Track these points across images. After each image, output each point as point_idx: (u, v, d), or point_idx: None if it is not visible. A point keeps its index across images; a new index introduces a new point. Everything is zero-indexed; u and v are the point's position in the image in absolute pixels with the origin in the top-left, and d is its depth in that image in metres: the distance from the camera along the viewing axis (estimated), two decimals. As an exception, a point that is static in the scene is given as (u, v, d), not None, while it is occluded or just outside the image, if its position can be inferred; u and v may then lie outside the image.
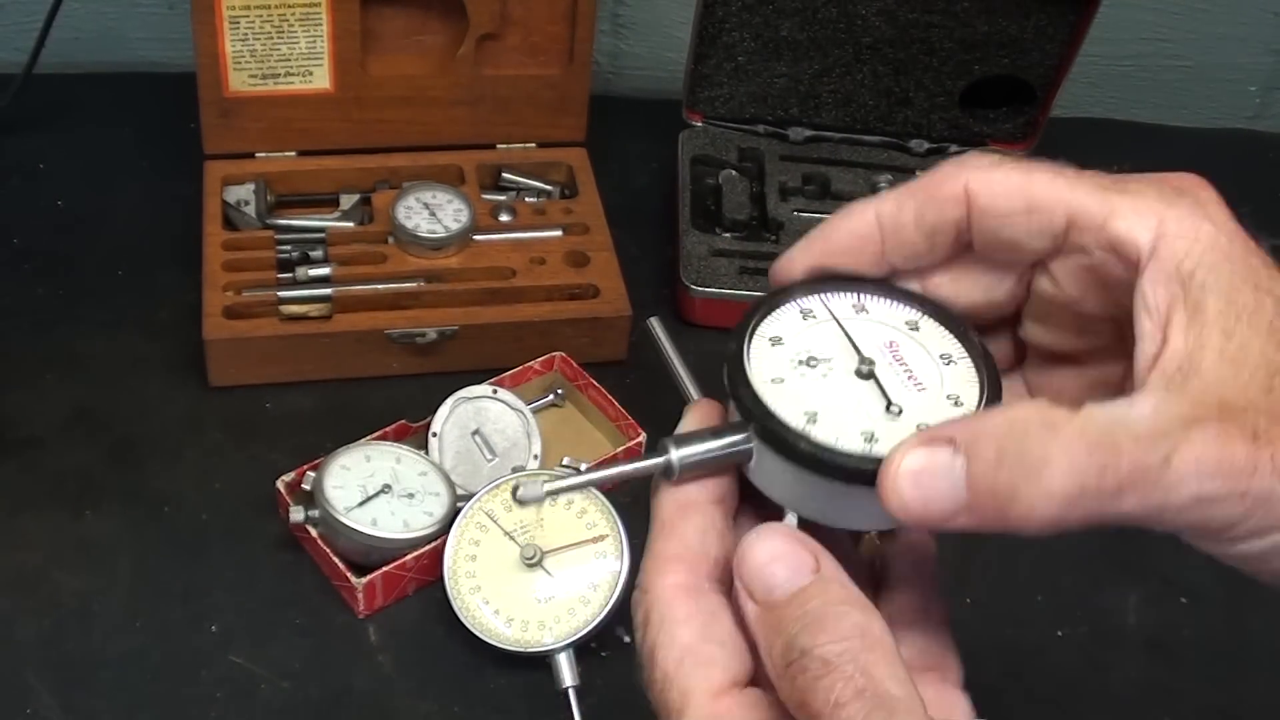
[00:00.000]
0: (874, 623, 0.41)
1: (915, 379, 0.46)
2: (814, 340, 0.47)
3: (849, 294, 0.48)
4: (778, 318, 0.47)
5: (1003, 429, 0.40)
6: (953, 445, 0.40)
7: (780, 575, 0.42)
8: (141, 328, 1.04)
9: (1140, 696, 0.90)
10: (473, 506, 0.89)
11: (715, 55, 1.18)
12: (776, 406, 0.44)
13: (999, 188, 0.44)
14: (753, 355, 0.46)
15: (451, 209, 1.07)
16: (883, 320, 0.48)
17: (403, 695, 0.85)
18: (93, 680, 0.83)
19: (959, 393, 0.45)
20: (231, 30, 1.05)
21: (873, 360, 0.46)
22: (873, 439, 0.43)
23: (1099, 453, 0.39)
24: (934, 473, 0.40)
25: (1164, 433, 0.39)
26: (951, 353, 0.47)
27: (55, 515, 0.92)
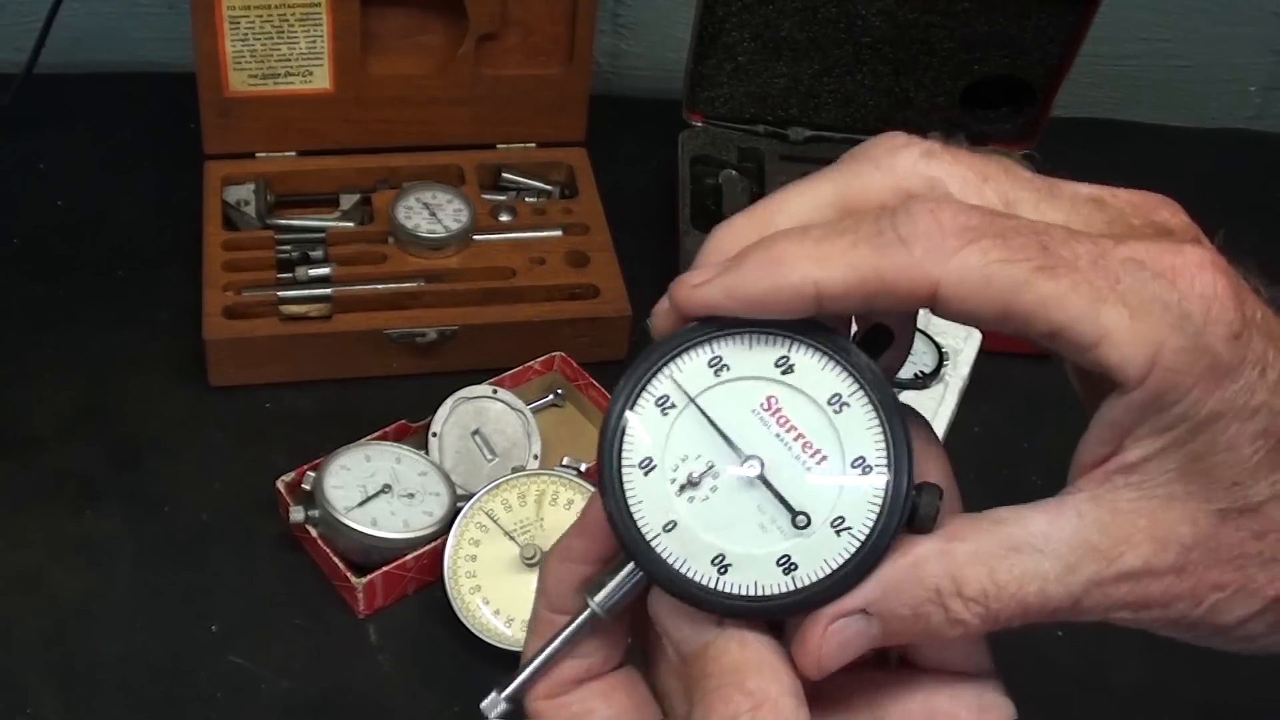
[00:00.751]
0: (770, 689, 0.39)
1: (810, 446, 0.40)
2: (684, 441, 0.41)
3: (698, 350, 0.41)
4: (638, 425, 0.41)
5: (913, 587, 0.39)
6: (864, 612, 0.39)
7: (684, 631, 0.41)
8: (141, 328, 1.04)
9: (1140, 696, 0.90)
10: (473, 506, 0.89)
11: (715, 55, 1.18)
12: (682, 563, 0.40)
13: (974, 292, 0.37)
14: (630, 498, 0.41)
15: (451, 209, 1.07)
16: (748, 372, 0.41)
17: (403, 695, 0.85)
18: (93, 680, 0.83)
19: (863, 453, 0.40)
20: (231, 30, 1.05)
21: (757, 458, 0.40)
22: (791, 567, 0.40)
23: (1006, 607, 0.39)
24: (852, 642, 0.39)
25: (1076, 569, 0.38)
26: (840, 391, 0.40)
27: (55, 515, 0.92)
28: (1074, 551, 0.38)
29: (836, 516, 0.39)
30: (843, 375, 0.40)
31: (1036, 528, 0.38)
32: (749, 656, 0.40)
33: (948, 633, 0.39)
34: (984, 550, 0.38)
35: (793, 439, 0.40)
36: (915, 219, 0.38)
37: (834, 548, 0.39)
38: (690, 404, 0.41)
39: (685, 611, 0.41)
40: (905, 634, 0.39)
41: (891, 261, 0.37)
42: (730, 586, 0.40)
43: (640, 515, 0.41)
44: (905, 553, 0.39)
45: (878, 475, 0.39)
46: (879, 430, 0.40)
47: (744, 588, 0.40)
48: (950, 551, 0.39)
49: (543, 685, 0.44)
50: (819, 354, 0.40)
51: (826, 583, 0.39)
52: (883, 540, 0.39)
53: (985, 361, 0.97)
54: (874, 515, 0.39)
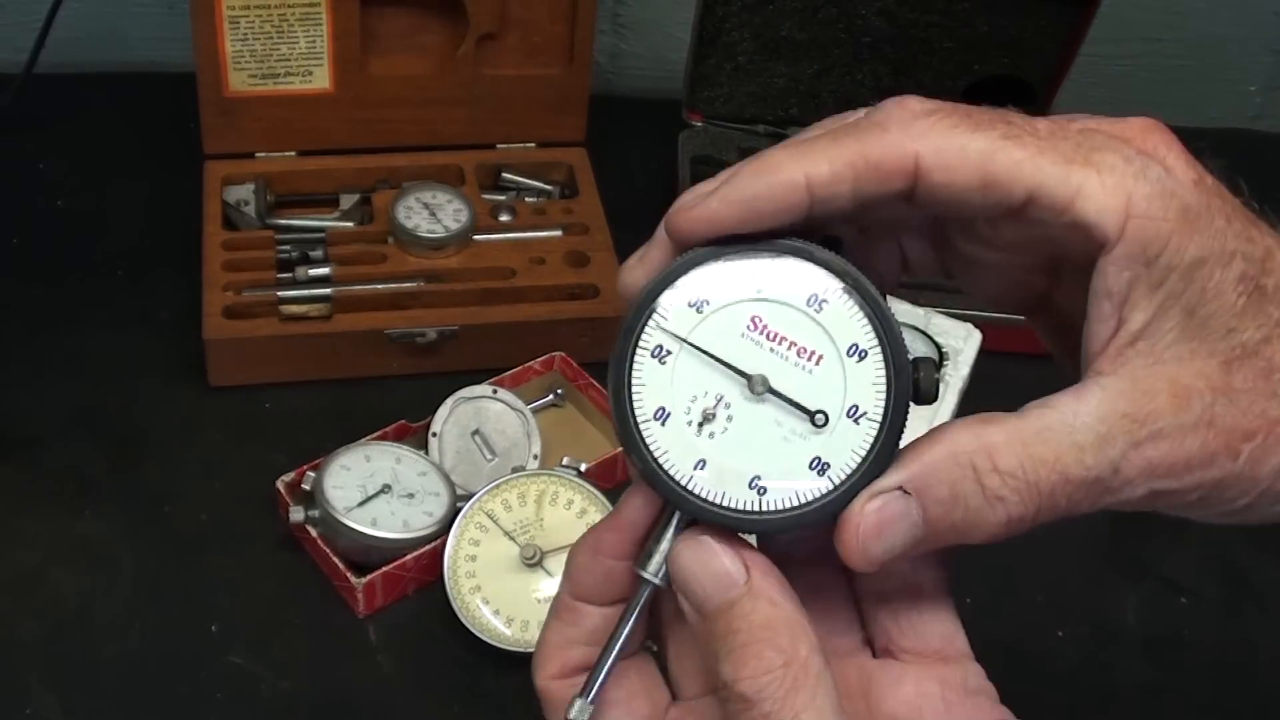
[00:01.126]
0: (800, 647, 0.40)
1: (804, 351, 0.42)
2: (688, 385, 0.42)
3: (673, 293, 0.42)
4: (642, 380, 0.42)
5: (949, 465, 0.39)
6: (902, 491, 0.40)
7: (709, 587, 0.41)
8: (141, 328, 1.04)
9: (1140, 696, 0.90)
10: (473, 506, 0.89)
11: (715, 55, 1.18)
12: (721, 497, 0.41)
13: (953, 160, 0.40)
14: (655, 450, 0.42)
15: (451, 209, 1.07)
16: (726, 300, 0.42)
17: (403, 695, 0.85)
18: (93, 680, 0.83)
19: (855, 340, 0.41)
20: (231, 30, 1.05)
21: (761, 375, 0.41)
22: (823, 467, 0.41)
23: (1046, 479, 0.39)
24: (892, 523, 0.40)
25: (1110, 438, 0.39)
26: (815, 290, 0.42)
27: (55, 515, 0.92)
28: (1104, 421, 0.39)
29: (850, 406, 0.41)
30: (813, 275, 0.42)
31: (1064, 408, 0.39)
32: (779, 614, 0.40)
33: (989, 517, 0.39)
34: (1016, 431, 0.39)
35: (786, 349, 0.42)
36: (886, 108, 0.42)
37: (857, 436, 0.41)
38: (684, 345, 0.42)
39: (710, 569, 0.41)
40: (946, 521, 0.39)
41: (872, 143, 0.40)
42: (772, 504, 0.41)
43: (669, 463, 0.42)
44: (936, 438, 0.40)
45: (874, 357, 0.41)
46: (862, 316, 0.41)
47: (786, 501, 0.41)
48: (983, 433, 0.39)
49: (555, 665, 0.45)
50: (785, 261, 0.42)
51: (860, 470, 0.40)
52: (899, 416, 0.41)
53: (985, 361, 0.97)
54: (882, 395, 0.41)
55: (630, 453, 0.42)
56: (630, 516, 0.44)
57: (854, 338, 0.41)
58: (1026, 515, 0.39)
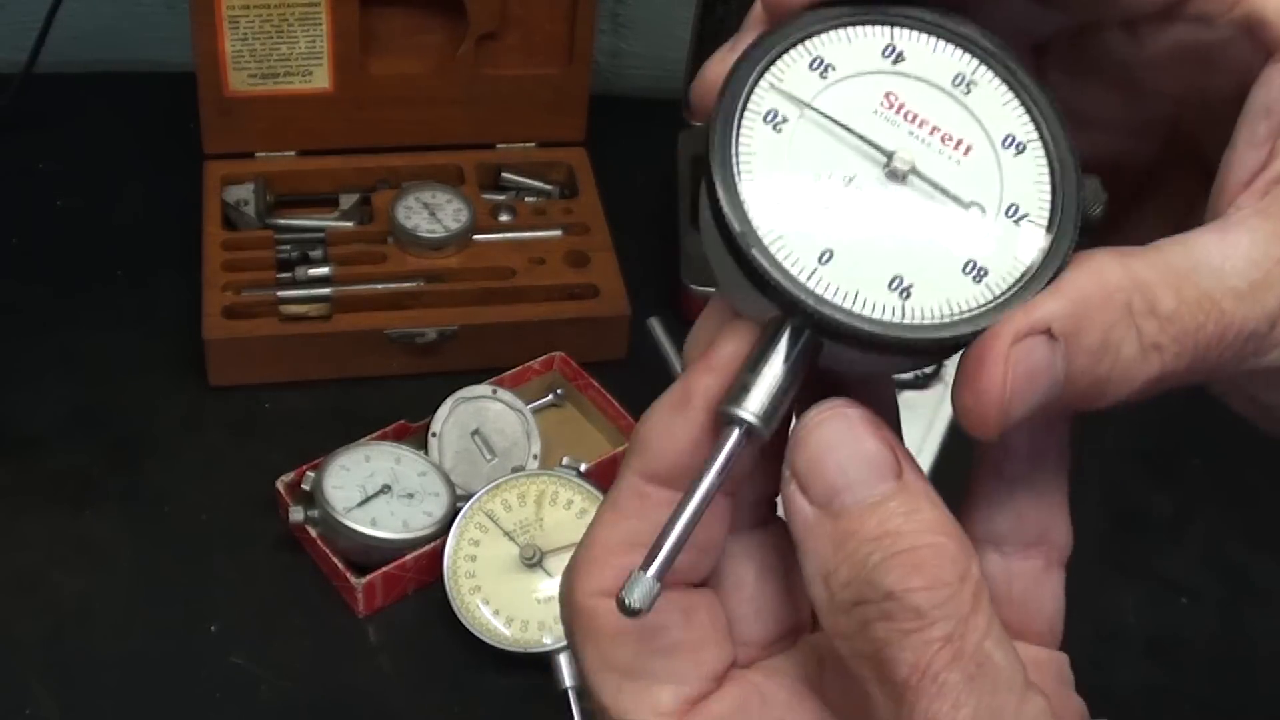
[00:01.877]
0: (974, 562, 0.32)
1: (949, 138, 0.34)
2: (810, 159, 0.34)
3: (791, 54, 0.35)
4: (753, 147, 0.34)
5: (1103, 306, 0.32)
6: (1049, 334, 0.32)
7: (852, 474, 0.32)
8: (141, 328, 1.04)
9: (1140, 696, 0.90)
10: (472, 506, 0.89)
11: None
12: (854, 299, 0.33)
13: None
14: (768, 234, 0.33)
15: (451, 209, 1.07)
16: (855, 67, 0.35)
17: (403, 695, 0.85)
18: (93, 680, 0.83)
19: (1010, 130, 0.34)
20: (231, 30, 1.05)
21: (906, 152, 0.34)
22: (981, 272, 0.33)
23: (1204, 326, 0.32)
24: (1037, 371, 0.32)
25: (1267, 285, 0.32)
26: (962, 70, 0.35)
27: (55, 515, 0.92)
28: (1257, 266, 0.32)
29: (1009, 205, 0.34)
30: (959, 52, 0.35)
31: (1210, 247, 0.32)
32: (947, 519, 0.32)
33: (1139, 370, 0.32)
34: (1168, 268, 0.32)
35: (928, 133, 0.34)
36: None
37: (1022, 241, 0.33)
38: (806, 110, 0.34)
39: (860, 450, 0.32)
40: (1090, 375, 0.32)
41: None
42: (919, 313, 0.33)
43: (783, 250, 0.33)
44: (1084, 266, 0.32)
45: (1034, 152, 0.34)
46: (1018, 104, 0.35)
47: (936, 311, 0.33)
48: (1132, 266, 0.32)
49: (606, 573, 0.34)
50: (925, 34, 0.35)
51: (1023, 283, 0.33)
52: (1068, 224, 0.33)
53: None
54: (1048, 197, 0.34)
55: (722, 224, 0.34)
56: (729, 353, 0.34)
57: (1009, 128, 0.34)
58: (1179, 370, 0.32)
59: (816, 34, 0.35)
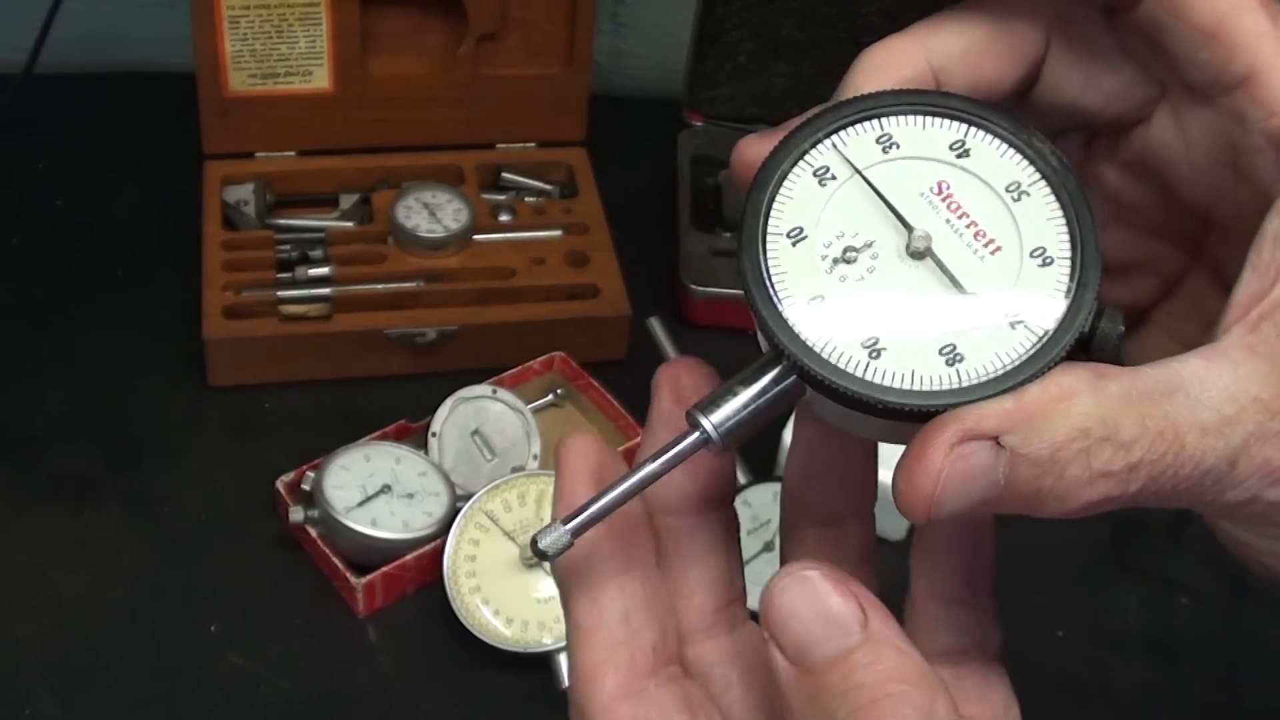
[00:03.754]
0: (939, 705, 0.33)
1: (983, 235, 0.35)
2: (842, 216, 0.36)
3: (866, 124, 0.37)
4: (790, 194, 0.37)
5: (1059, 424, 0.32)
6: (995, 442, 0.32)
7: (818, 632, 0.33)
8: (141, 328, 1.04)
9: (1140, 696, 0.90)
10: (472, 506, 0.89)
11: (715, 55, 1.17)
12: (825, 344, 0.35)
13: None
14: (774, 268, 0.36)
15: (451, 209, 1.07)
16: (919, 151, 0.37)
17: (403, 695, 0.85)
18: (93, 680, 0.83)
19: (1044, 243, 0.35)
20: (231, 30, 1.05)
21: (925, 233, 0.35)
22: (956, 357, 0.34)
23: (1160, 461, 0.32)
24: (975, 474, 0.33)
25: (1235, 421, 0.32)
26: (1019, 179, 0.36)
27: (55, 515, 0.92)
28: (1233, 402, 0.32)
29: (1014, 307, 0.35)
30: (1023, 163, 0.36)
31: (1190, 372, 0.33)
32: (910, 664, 0.33)
33: (1079, 494, 0.32)
34: (1135, 391, 0.32)
35: (964, 225, 0.36)
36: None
37: (1008, 342, 0.34)
38: (855, 176, 0.36)
39: (819, 609, 0.34)
40: (1030, 487, 0.32)
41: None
42: (881, 375, 0.34)
43: (783, 286, 0.35)
44: (1052, 380, 0.33)
45: (1060, 267, 0.35)
46: (1062, 221, 0.35)
47: (898, 377, 0.34)
48: (1103, 388, 0.32)
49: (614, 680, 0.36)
50: (998, 139, 0.36)
51: (993, 381, 0.34)
52: (1059, 342, 0.34)
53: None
54: (1057, 313, 0.34)
55: (742, 257, 0.36)
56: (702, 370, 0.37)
57: (1044, 241, 0.35)
58: (1120, 499, 0.33)
59: (895, 114, 0.37)
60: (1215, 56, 0.34)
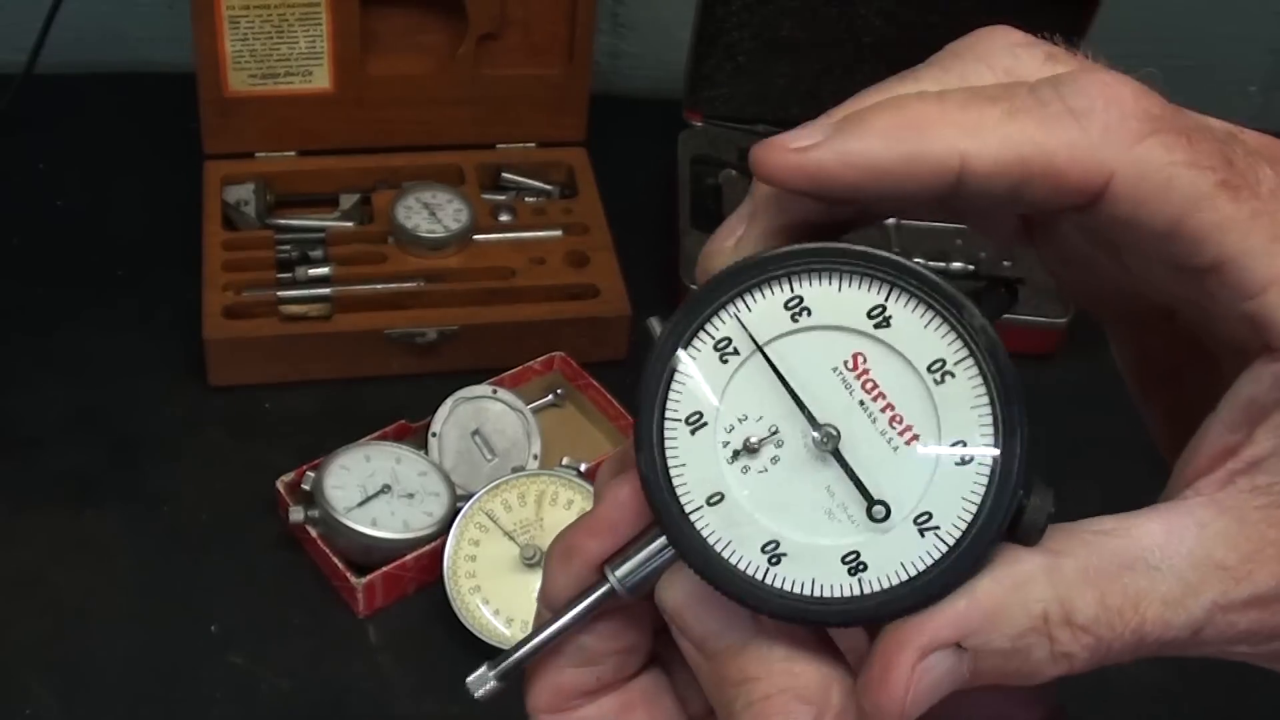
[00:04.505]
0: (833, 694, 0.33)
1: (899, 420, 0.33)
2: (745, 398, 0.34)
3: (774, 285, 0.33)
4: (688, 374, 0.34)
5: (1016, 614, 0.31)
6: (957, 646, 0.32)
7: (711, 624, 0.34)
8: (141, 328, 1.04)
9: (1140, 696, 0.90)
10: (472, 506, 0.89)
11: (715, 55, 1.17)
12: (726, 546, 0.33)
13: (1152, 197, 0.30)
14: (672, 459, 0.34)
15: (451, 209, 1.07)
16: (833, 319, 0.33)
17: (403, 695, 0.85)
18: (93, 680, 0.83)
19: (965, 435, 0.32)
20: (231, 30, 1.05)
21: (832, 429, 0.33)
22: (859, 566, 0.32)
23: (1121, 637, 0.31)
24: (940, 681, 0.32)
25: (1198, 590, 0.31)
26: (945, 356, 0.33)
27: (55, 515, 0.92)
28: (1196, 569, 0.31)
29: (923, 512, 0.32)
30: (951, 337, 0.32)
31: (1150, 540, 0.31)
32: (803, 655, 0.34)
33: (1046, 671, 0.32)
34: (1093, 567, 0.31)
35: (879, 409, 0.33)
36: (1089, 92, 0.31)
37: (915, 550, 0.32)
38: (757, 353, 0.33)
39: (716, 603, 0.34)
40: (996, 673, 0.32)
41: (1061, 139, 0.30)
42: (782, 581, 0.33)
43: (681, 482, 0.34)
44: (1004, 570, 0.32)
45: (980, 466, 0.32)
46: (988, 410, 0.32)
47: (798, 585, 0.33)
48: (1058, 568, 0.31)
49: (547, 696, 0.39)
50: (924, 306, 0.33)
51: (900, 593, 0.32)
52: (977, 549, 0.32)
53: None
54: (970, 515, 0.32)
55: (639, 451, 0.34)
56: (611, 518, 0.36)
57: (965, 433, 0.32)
58: (1085, 669, 0.32)
59: (808, 272, 0.33)
60: (1179, 251, 0.31)
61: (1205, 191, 0.30)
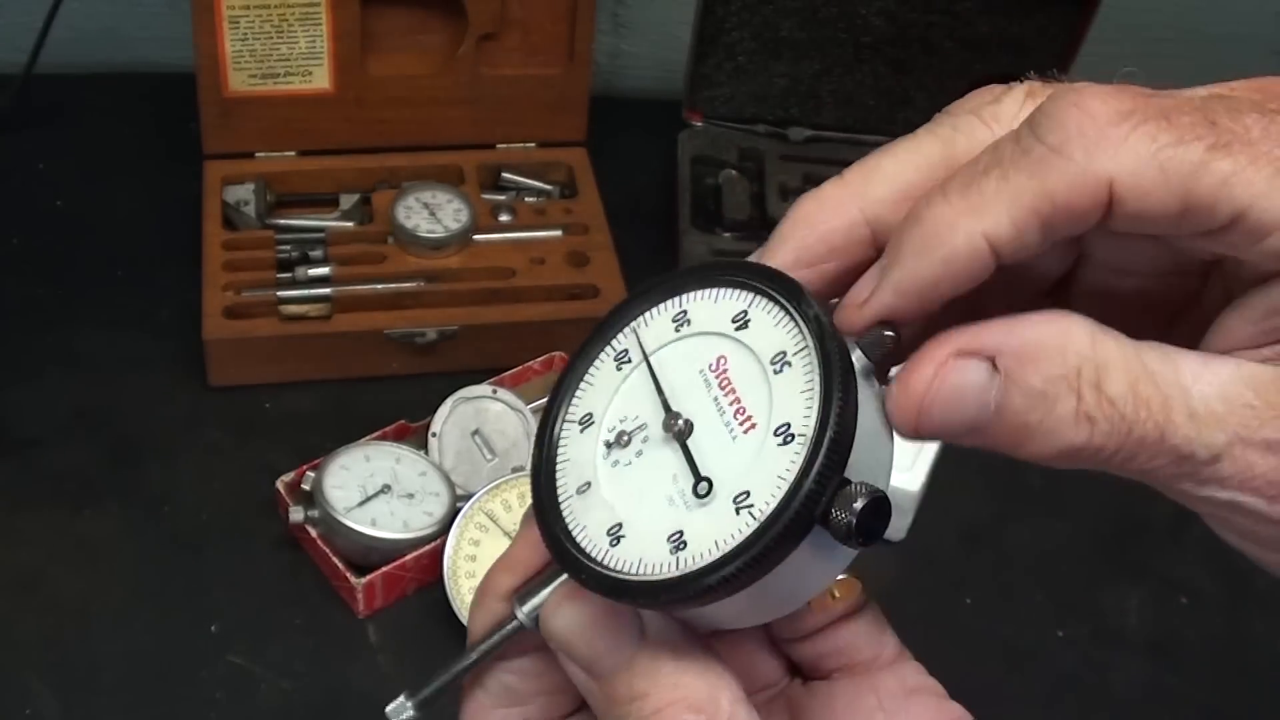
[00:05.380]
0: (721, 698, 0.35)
1: (742, 412, 0.35)
2: (629, 400, 0.37)
3: (668, 304, 0.38)
4: (591, 380, 0.38)
5: (1054, 359, 0.32)
6: (991, 364, 0.32)
7: (596, 646, 0.36)
8: (141, 328, 1.04)
9: (1140, 696, 0.90)
10: (472, 506, 0.89)
11: (715, 55, 1.17)
12: (579, 531, 0.36)
13: (1151, 184, 0.31)
14: (560, 455, 0.38)
15: (451, 209, 1.07)
16: (707, 326, 0.37)
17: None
18: (93, 680, 0.83)
19: (789, 419, 0.34)
20: (231, 30, 1.05)
21: (681, 417, 0.36)
22: (680, 544, 0.34)
23: (1143, 425, 0.32)
24: (966, 395, 0.32)
25: (1222, 419, 0.32)
26: (786, 349, 0.35)
27: (55, 515, 0.92)
28: (1225, 400, 0.32)
29: (741, 491, 0.34)
30: (793, 331, 0.35)
31: (1188, 365, 0.32)
32: (689, 667, 0.35)
33: (1065, 433, 0.32)
34: (1133, 356, 0.32)
35: (729, 403, 0.35)
36: (1061, 120, 0.32)
37: (728, 527, 0.34)
38: (644, 361, 0.37)
39: (598, 624, 0.36)
40: (1019, 418, 0.32)
41: (1055, 178, 0.32)
42: (614, 560, 0.35)
43: (562, 474, 0.37)
44: (1052, 317, 0.33)
45: (798, 445, 0.33)
46: (811, 395, 0.34)
47: (628, 564, 0.35)
48: (1100, 342, 0.32)
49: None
50: (776, 305, 0.35)
51: (708, 571, 0.33)
52: (777, 528, 0.33)
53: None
54: (780, 492, 0.33)
55: (536, 445, 0.38)
56: (522, 555, 0.39)
57: (790, 416, 0.34)
58: (1104, 450, 0.32)
59: (694, 289, 0.37)
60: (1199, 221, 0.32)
61: (1198, 160, 0.31)
